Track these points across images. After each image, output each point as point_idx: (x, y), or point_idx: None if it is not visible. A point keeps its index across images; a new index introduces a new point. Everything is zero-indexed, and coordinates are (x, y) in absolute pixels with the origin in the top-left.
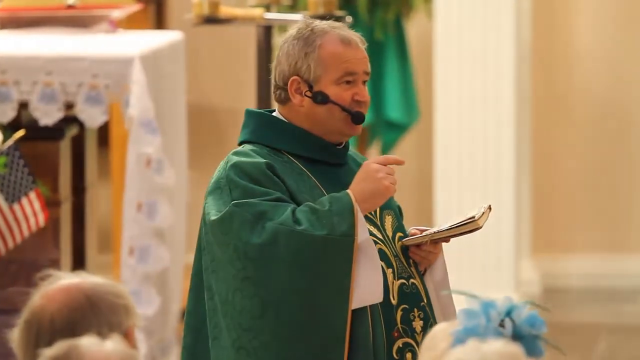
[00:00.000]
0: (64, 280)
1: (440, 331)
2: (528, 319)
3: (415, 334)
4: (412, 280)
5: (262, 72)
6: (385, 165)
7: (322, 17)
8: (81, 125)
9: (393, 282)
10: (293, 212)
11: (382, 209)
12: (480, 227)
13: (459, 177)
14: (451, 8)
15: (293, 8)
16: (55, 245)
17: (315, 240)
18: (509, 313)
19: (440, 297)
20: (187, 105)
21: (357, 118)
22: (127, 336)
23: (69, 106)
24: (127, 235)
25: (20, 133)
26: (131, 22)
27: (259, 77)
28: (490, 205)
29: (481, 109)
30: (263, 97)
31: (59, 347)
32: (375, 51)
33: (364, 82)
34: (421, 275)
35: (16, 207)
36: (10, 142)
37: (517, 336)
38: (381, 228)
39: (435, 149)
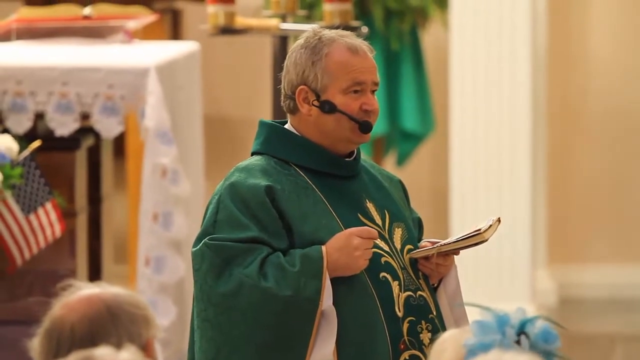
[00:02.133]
0: (84, 291)
1: (451, 338)
2: (542, 333)
3: (423, 346)
4: (419, 292)
5: (278, 82)
6: (365, 238)
7: (337, 28)
8: (97, 135)
9: (399, 295)
10: (262, 263)
11: (392, 221)
12: (486, 240)
13: (474, 187)
14: (467, 18)
15: (309, 18)
16: (72, 255)
17: (278, 299)
18: (522, 327)
19: (453, 309)
20: (203, 116)
21: (365, 127)
22: (147, 347)
23: (85, 117)
24: (143, 246)
25: (36, 144)
26: (147, 33)
27: (275, 87)
28: (499, 218)
29: (497, 119)
30: (278, 107)
31: (75, 357)
32: (391, 61)
33: (373, 91)
34: (431, 288)
35: (32, 217)
36: (26, 152)
37: (531, 351)
38: (389, 240)
39: (451, 159)
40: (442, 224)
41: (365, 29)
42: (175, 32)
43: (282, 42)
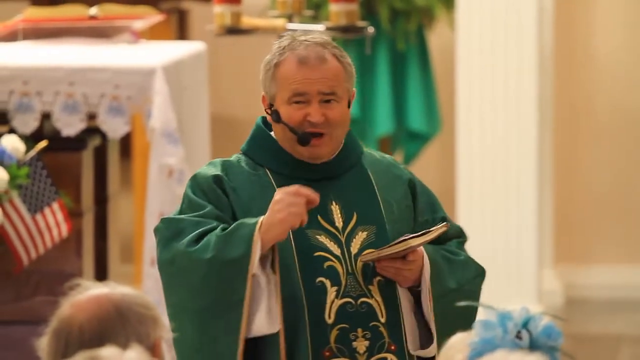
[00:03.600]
0: (93, 290)
1: (458, 342)
2: (545, 330)
3: (357, 354)
4: (363, 299)
5: None
6: (295, 195)
7: (344, 29)
8: (103, 136)
9: (333, 302)
10: (204, 233)
11: (358, 224)
12: (414, 247)
13: (481, 188)
14: (473, 18)
15: (315, 19)
16: (78, 255)
17: (201, 262)
18: (525, 324)
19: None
20: (209, 116)
21: (302, 139)
22: (155, 348)
23: (91, 117)
24: (149, 246)
25: (43, 144)
26: (153, 33)
27: None
28: (445, 224)
29: (503, 119)
30: None
31: (81, 357)
32: (397, 61)
33: (326, 101)
34: (388, 294)
35: (39, 217)
36: (32, 152)
37: (534, 347)
38: (344, 244)
39: (458, 159)
40: None
41: (371, 29)
42: (182, 32)
43: None
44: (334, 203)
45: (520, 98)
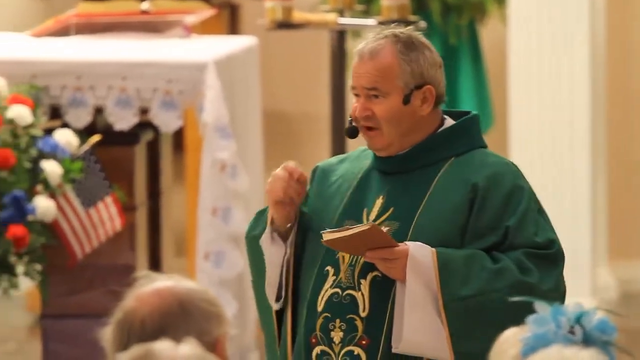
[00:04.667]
0: (158, 283)
1: (510, 336)
2: (599, 324)
3: (333, 344)
4: (349, 291)
5: (336, 77)
6: (280, 170)
7: (396, 23)
8: (156, 130)
9: (326, 290)
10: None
11: (388, 218)
12: (325, 240)
13: (533, 182)
14: (525, 13)
15: (366, 13)
16: (131, 249)
17: (246, 240)
18: (578, 319)
19: (398, 309)
20: (261, 110)
21: (347, 131)
22: (217, 345)
23: (144, 111)
24: (203, 240)
25: (96, 138)
26: (205, 28)
27: (333, 82)
28: (373, 224)
29: (556, 114)
30: (336, 101)
31: (134, 351)
32: (449, 56)
33: (372, 96)
34: (378, 289)
35: (92, 211)
36: (86, 147)
37: (587, 342)
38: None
39: (510, 155)
40: None
41: (422, 24)
42: (233, 27)
43: (340, 36)
44: (381, 197)
45: (572, 92)
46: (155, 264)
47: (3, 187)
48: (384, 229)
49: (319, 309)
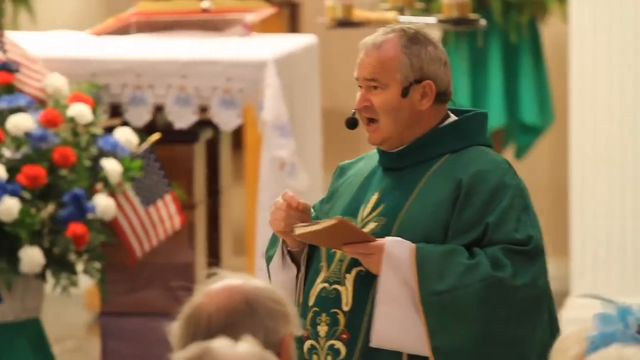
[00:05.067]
0: (226, 281)
1: (574, 334)
2: None
3: (319, 338)
4: (336, 286)
5: None
6: (283, 201)
7: (456, 21)
8: (215, 128)
9: (317, 285)
10: None
11: (378, 214)
12: (298, 235)
13: (594, 181)
14: (586, 10)
15: (426, 11)
16: (190, 247)
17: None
18: None
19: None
20: (321, 108)
21: (347, 122)
22: (283, 344)
23: (203, 109)
24: (262, 238)
25: (156, 136)
26: (265, 26)
27: None
28: (340, 219)
29: (617, 112)
30: None
31: (193, 349)
32: (510, 54)
33: (372, 87)
34: (362, 283)
35: (152, 209)
36: (145, 145)
37: None
38: None
39: (571, 152)
40: (562, 218)
41: (483, 22)
42: (293, 25)
43: None
44: (376, 193)
45: (635, 90)
46: (214, 263)
47: (63, 185)
48: (373, 224)
49: (310, 303)
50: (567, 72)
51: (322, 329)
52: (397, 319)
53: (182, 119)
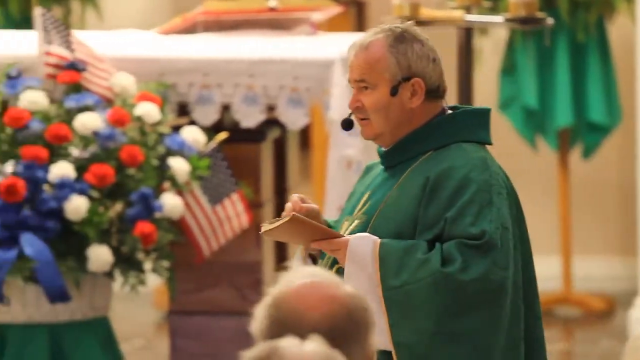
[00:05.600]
0: (323, 287)
1: None
2: None
3: None
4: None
5: (463, 74)
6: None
7: (523, 20)
8: (283, 127)
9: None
10: None
11: (364, 211)
12: (263, 233)
13: None
14: None
15: (493, 10)
16: (258, 246)
17: None
18: None
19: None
20: None
21: (342, 123)
22: (374, 356)
23: (271, 109)
24: None
25: (223, 135)
26: (332, 25)
27: (460, 79)
28: (293, 214)
29: None
30: (464, 99)
31: (261, 348)
32: (577, 53)
33: (362, 88)
34: (340, 270)
35: (219, 208)
36: (212, 144)
37: None
38: (347, 226)
39: (638, 151)
40: (630, 217)
41: (550, 21)
42: (360, 24)
43: (467, 33)
44: (368, 191)
45: None
46: (281, 261)
47: (131, 184)
48: (357, 222)
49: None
50: (634, 71)
51: None
52: None
53: (250, 118)
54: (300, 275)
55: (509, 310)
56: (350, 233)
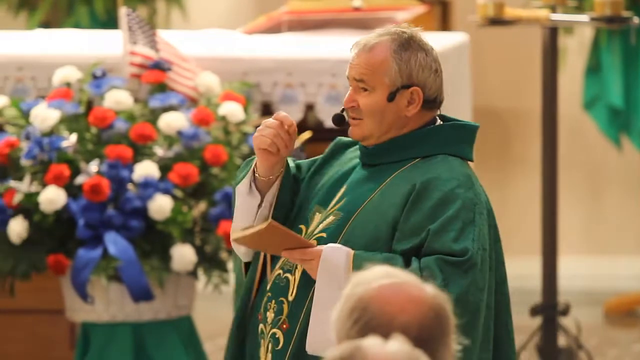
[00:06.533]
0: (407, 287)
1: None
2: None
3: (267, 323)
4: (287, 274)
5: (547, 73)
6: (272, 119)
7: (609, 19)
8: None
9: (276, 270)
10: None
11: (338, 208)
12: (234, 240)
13: None
14: None
15: (579, 9)
16: None
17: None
18: None
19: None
20: (472, 107)
21: (333, 118)
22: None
23: None
24: None
25: (307, 135)
26: (416, 24)
27: (544, 78)
28: (270, 222)
29: None
30: (548, 98)
31: (344, 348)
32: None
33: (361, 88)
34: (306, 275)
35: None
36: (297, 143)
37: None
38: (308, 222)
39: None
40: None
41: (636, 20)
42: (445, 24)
43: (552, 33)
44: (344, 186)
45: None
46: None
47: (214, 183)
48: (331, 217)
49: (267, 287)
50: None
51: (270, 316)
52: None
53: None
54: (376, 275)
55: (480, 332)
56: (325, 229)
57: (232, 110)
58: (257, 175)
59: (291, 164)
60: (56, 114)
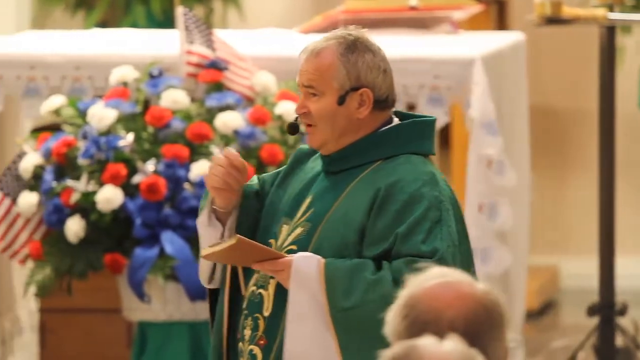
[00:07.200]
0: (458, 285)
1: None
2: None
3: (244, 341)
4: (261, 290)
5: (605, 73)
6: (222, 156)
7: None
8: None
9: (250, 287)
10: None
11: (306, 219)
12: (204, 256)
13: None
14: None
15: (637, 8)
16: None
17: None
18: None
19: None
20: (529, 107)
21: (287, 127)
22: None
23: (411, 107)
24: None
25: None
26: (473, 23)
27: (602, 78)
28: (238, 237)
29: None
30: (606, 98)
31: (399, 347)
32: None
33: (310, 94)
34: (281, 289)
35: None
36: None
37: None
38: (277, 236)
39: None
40: None
41: None
42: (501, 23)
43: (610, 32)
44: (310, 197)
45: None
46: None
47: None
48: (300, 229)
49: (243, 305)
50: None
51: (247, 333)
52: (308, 335)
53: None
54: (431, 276)
55: None
56: (293, 242)
57: (289, 109)
58: (215, 207)
59: (254, 180)
60: (113, 114)
